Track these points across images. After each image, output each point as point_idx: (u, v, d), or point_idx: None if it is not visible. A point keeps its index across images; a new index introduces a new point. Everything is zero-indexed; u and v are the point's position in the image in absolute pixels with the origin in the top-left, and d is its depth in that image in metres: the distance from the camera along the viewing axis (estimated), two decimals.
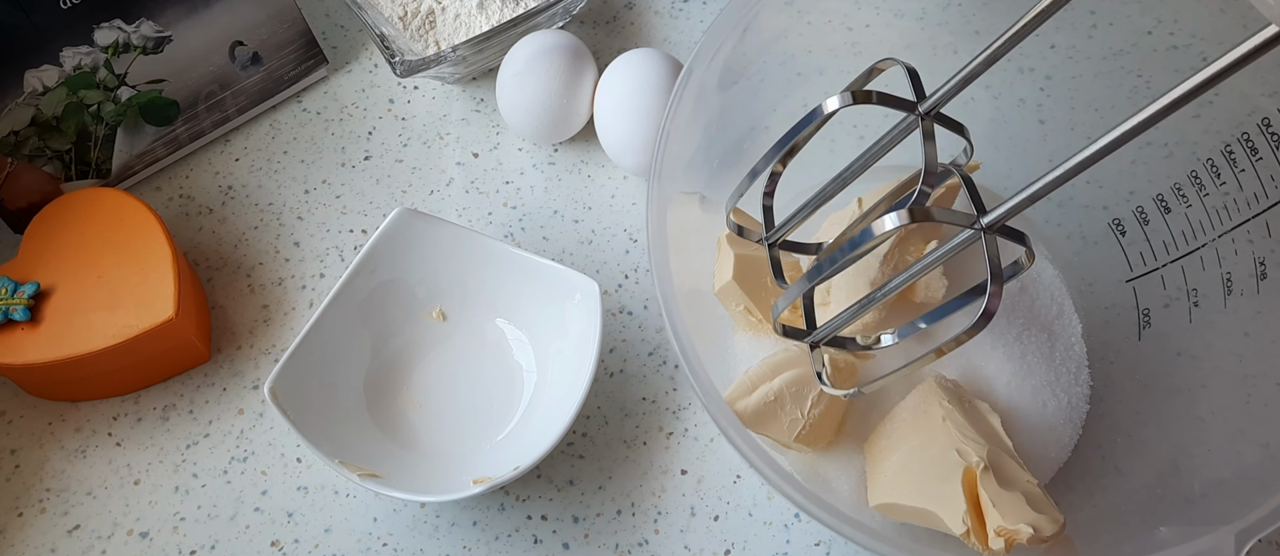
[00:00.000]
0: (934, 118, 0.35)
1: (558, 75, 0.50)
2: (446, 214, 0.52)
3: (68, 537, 0.44)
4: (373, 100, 0.55)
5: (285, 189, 0.53)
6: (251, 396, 0.47)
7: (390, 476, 0.42)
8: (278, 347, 0.48)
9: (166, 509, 0.45)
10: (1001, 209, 0.31)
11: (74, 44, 0.47)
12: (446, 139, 0.54)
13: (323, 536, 0.44)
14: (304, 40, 0.54)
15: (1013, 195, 0.31)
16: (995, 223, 0.31)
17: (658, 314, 0.49)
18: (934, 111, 0.35)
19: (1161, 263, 0.42)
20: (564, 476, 0.45)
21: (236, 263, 0.51)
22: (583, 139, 0.54)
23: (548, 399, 0.45)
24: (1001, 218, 0.31)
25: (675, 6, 0.58)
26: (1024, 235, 0.32)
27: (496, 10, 0.54)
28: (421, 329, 0.47)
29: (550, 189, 0.53)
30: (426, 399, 0.46)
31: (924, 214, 0.31)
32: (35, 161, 0.49)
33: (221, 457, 0.46)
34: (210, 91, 0.52)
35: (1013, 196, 0.31)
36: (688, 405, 0.47)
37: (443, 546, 0.44)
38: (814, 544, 0.44)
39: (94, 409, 0.47)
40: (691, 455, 0.46)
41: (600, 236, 0.51)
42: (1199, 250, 0.40)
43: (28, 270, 0.45)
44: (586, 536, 0.44)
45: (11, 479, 0.45)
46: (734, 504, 0.45)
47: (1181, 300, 0.41)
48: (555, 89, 0.50)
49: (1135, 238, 0.44)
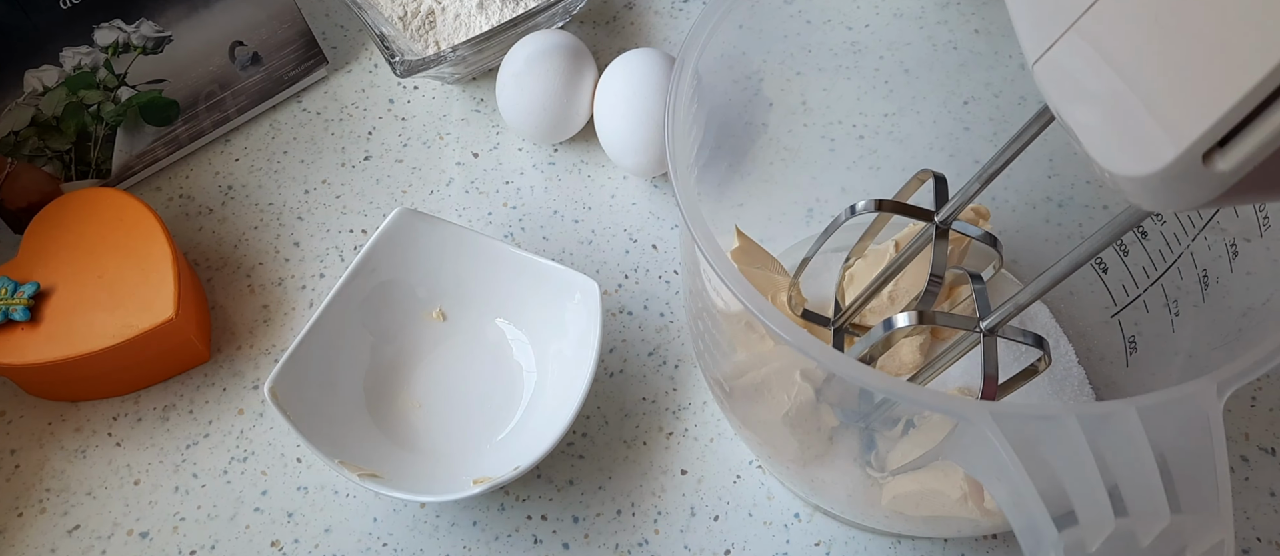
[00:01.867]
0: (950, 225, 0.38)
1: (558, 75, 0.50)
2: (446, 214, 0.52)
3: (68, 537, 0.44)
4: (373, 100, 0.55)
5: (285, 189, 0.53)
6: (251, 396, 0.47)
7: (390, 476, 0.42)
8: (278, 347, 0.48)
9: (166, 509, 0.45)
10: (999, 315, 0.34)
11: (74, 44, 0.47)
12: (446, 139, 0.54)
13: (323, 536, 0.44)
14: (304, 40, 0.54)
15: (1011, 297, 0.33)
16: (995, 327, 0.34)
17: (658, 314, 0.49)
18: (950, 220, 0.38)
19: (1142, 288, 0.43)
20: (564, 476, 0.45)
21: (236, 263, 0.51)
22: (583, 139, 0.54)
23: (548, 399, 0.45)
24: (1000, 322, 0.34)
25: (675, 6, 0.58)
26: (1042, 340, 0.35)
27: (496, 10, 0.54)
28: (421, 329, 0.47)
29: (550, 189, 0.53)
30: (426, 399, 0.46)
31: (929, 317, 0.34)
32: (35, 161, 0.49)
33: (221, 457, 0.46)
34: (210, 91, 0.52)
35: (1012, 296, 0.33)
36: (688, 405, 0.47)
37: (443, 546, 0.44)
38: (814, 544, 0.44)
39: (94, 409, 0.47)
40: (691, 455, 0.46)
41: (600, 236, 0.51)
42: (1176, 262, 0.41)
43: (28, 270, 0.45)
44: (586, 536, 0.44)
45: (11, 479, 0.45)
46: (734, 504, 0.45)
47: (1163, 315, 0.42)
48: (555, 89, 0.50)
49: (1118, 273, 0.44)
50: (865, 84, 0.49)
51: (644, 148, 0.49)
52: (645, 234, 0.52)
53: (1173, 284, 0.41)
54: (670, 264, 0.51)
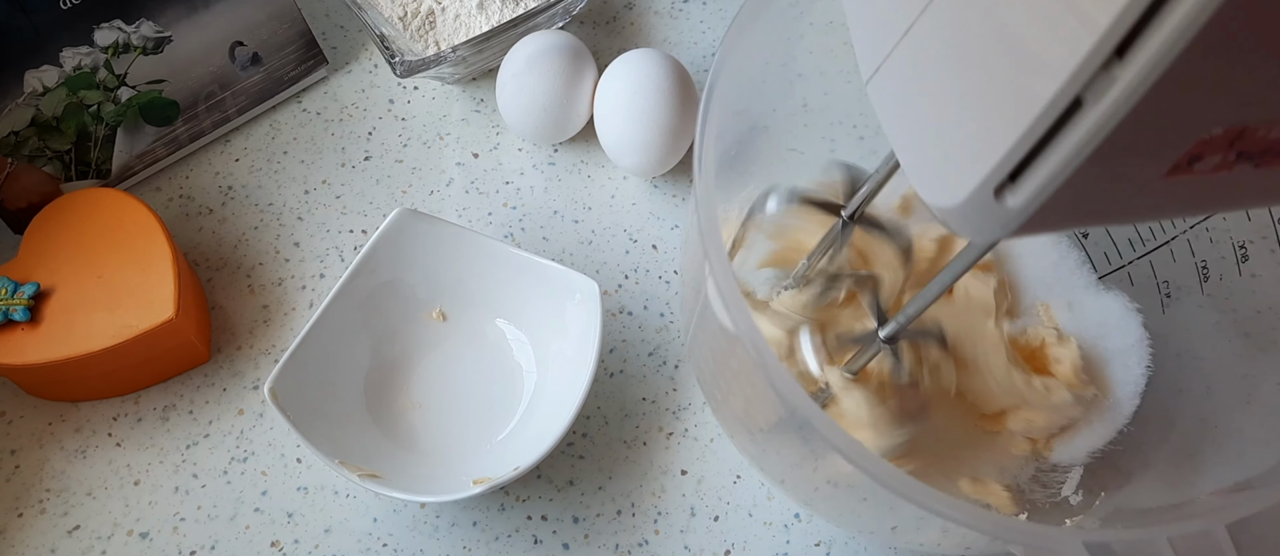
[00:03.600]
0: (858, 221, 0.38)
1: (558, 75, 0.50)
2: (446, 214, 0.52)
3: (68, 538, 0.44)
4: (373, 100, 0.55)
5: (285, 189, 0.53)
6: (251, 396, 0.47)
7: (390, 476, 0.42)
8: (278, 348, 0.48)
9: (166, 509, 0.45)
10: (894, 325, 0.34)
11: (74, 44, 0.47)
12: (446, 139, 0.54)
13: (323, 536, 0.44)
14: (304, 40, 0.54)
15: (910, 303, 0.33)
16: (892, 336, 0.34)
17: (658, 314, 0.49)
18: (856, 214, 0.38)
19: (1128, 259, 0.43)
20: (564, 476, 0.45)
21: (236, 263, 0.51)
22: (583, 139, 0.54)
23: (548, 399, 0.45)
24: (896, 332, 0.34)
25: (675, 6, 0.58)
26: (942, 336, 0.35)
27: (496, 10, 0.54)
28: (421, 329, 0.47)
29: (550, 189, 0.53)
30: (426, 399, 0.46)
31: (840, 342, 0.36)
32: (35, 161, 0.49)
33: (221, 458, 0.46)
34: (210, 92, 0.52)
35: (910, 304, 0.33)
36: (688, 405, 0.47)
37: (443, 546, 0.44)
38: (814, 544, 0.44)
39: (94, 409, 0.47)
40: (691, 455, 0.46)
41: (600, 236, 0.51)
42: (1169, 243, 0.41)
43: (28, 270, 0.45)
44: (586, 536, 0.44)
45: (11, 479, 0.45)
46: (734, 504, 0.45)
47: (1152, 294, 0.42)
48: (555, 89, 0.50)
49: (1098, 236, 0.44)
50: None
51: (644, 148, 0.49)
52: (645, 234, 0.52)
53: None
54: (670, 264, 0.51)
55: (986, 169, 0.21)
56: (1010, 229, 0.21)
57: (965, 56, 0.22)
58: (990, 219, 0.21)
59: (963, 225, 0.23)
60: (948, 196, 0.22)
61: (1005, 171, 0.20)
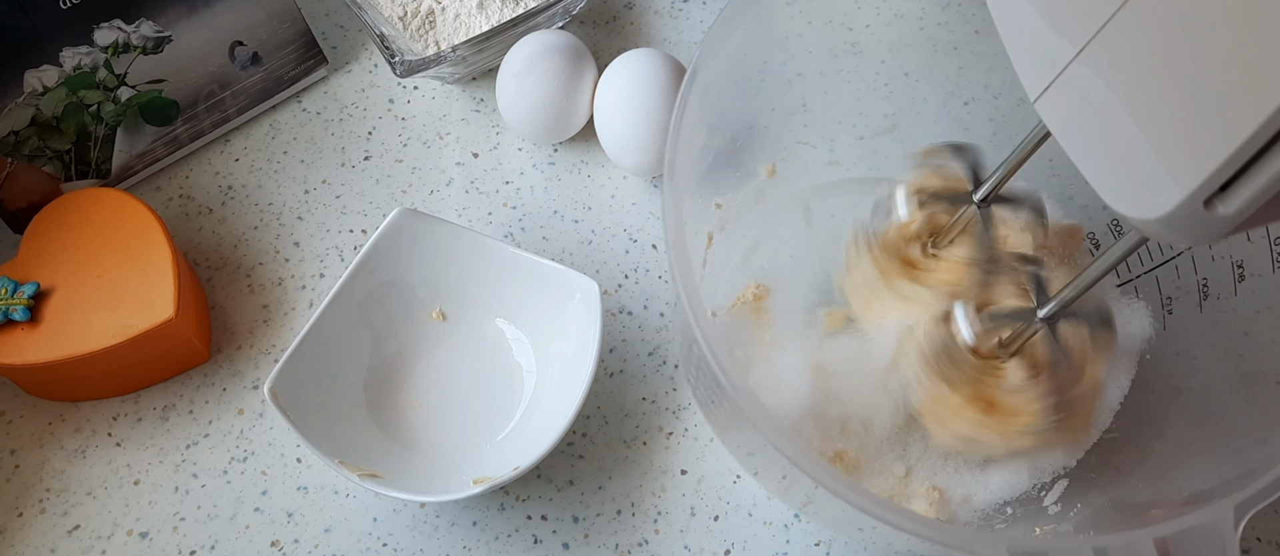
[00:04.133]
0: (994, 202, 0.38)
1: (558, 75, 0.50)
2: (446, 214, 0.52)
3: (68, 538, 0.44)
4: (373, 100, 0.55)
5: (285, 189, 0.53)
6: (251, 396, 0.47)
7: (390, 476, 0.42)
8: (278, 347, 0.48)
9: (166, 509, 0.45)
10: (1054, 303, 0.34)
11: (74, 44, 0.47)
12: (446, 139, 0.54)
13: (323, 536, 0.44)
14: (304, 40, 0.54)
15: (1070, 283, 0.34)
16: (1052, 315, 0.35)
17: (658, 314, 0.49)
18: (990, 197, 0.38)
19: (1135, 274, 0.43)
20: (564, 476, 0.45)
21: (236, 263, 0.51)
22: (583, 139, 0.54)
23: (548, 399, 0.45)
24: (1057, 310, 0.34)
25: (675, 6, 0.58)
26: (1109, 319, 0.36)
27: (496, 10, 0.54)
28: (421, 329, 0.47)
29: (550, 189, 0.53)
30: (426, 399, 0.46)
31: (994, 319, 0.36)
32: (35, 161, 0.49)
33: (221, 457, 0.46)
34: (210, 91, 0.52)
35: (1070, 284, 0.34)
36: (688, 405, 0.47)
37: (443, 546, 0.44)
38: (814, 544, 0.44)
39: (94, 409, 0.47)
40: (691, 455, 0.46)
41: (600, 236, 0.51)
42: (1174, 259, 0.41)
43: (28, 270, 0.45)
44: (586, 536, 0.44)
45: (11, 479, 0.45)
46: (734, 504, 0.45)
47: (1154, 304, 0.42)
48: (555, 89, 0.50)
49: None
50: (865, 85, 0.49)
51: (644, 148, 0.49)
52: (645, 234, 0.52)
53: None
54: None
55: (1197, 181, 0.21)
56: (1218, 235, 0.22)
57: (1160, 74, 0.22)
58: (1197, 227, 0.22)
59: (1166, 233, 0.23)
60: (1148, 208, 0.23)
61: (1217, 183, 0.21)
